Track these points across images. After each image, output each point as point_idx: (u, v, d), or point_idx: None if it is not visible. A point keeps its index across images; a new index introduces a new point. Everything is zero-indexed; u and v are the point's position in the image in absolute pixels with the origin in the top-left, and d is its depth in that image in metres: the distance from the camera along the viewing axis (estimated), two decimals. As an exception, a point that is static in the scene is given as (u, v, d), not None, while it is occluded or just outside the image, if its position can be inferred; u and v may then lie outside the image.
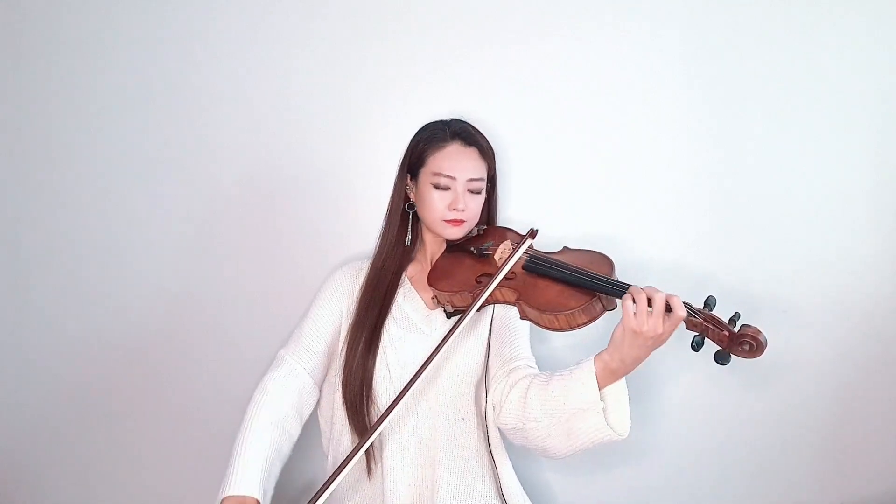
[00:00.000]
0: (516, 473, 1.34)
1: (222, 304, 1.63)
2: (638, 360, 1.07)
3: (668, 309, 1.03)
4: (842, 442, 1.39)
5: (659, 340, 1.05)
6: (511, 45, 1.45)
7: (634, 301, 1.03)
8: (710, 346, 1.03)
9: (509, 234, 1.34)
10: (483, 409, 1.29)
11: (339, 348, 1.32)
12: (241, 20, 1.54)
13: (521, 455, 1.33)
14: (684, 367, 1.37)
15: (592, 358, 1.12)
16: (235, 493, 1.07)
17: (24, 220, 1.64)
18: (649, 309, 1.03)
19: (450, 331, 1.16)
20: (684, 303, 1.05)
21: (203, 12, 1.53)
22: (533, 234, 1.27)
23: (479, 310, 1.21)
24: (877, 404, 1.37)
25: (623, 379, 1.11)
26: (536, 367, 1.28)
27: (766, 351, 0.99)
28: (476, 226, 1.35)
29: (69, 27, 1.56)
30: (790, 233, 1.35)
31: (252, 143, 1.57)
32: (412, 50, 1.51)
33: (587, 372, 1.11)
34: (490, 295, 1.20)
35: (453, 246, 1.36)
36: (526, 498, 1.30)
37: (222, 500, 1.06)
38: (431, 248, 1.38)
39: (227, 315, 1.63)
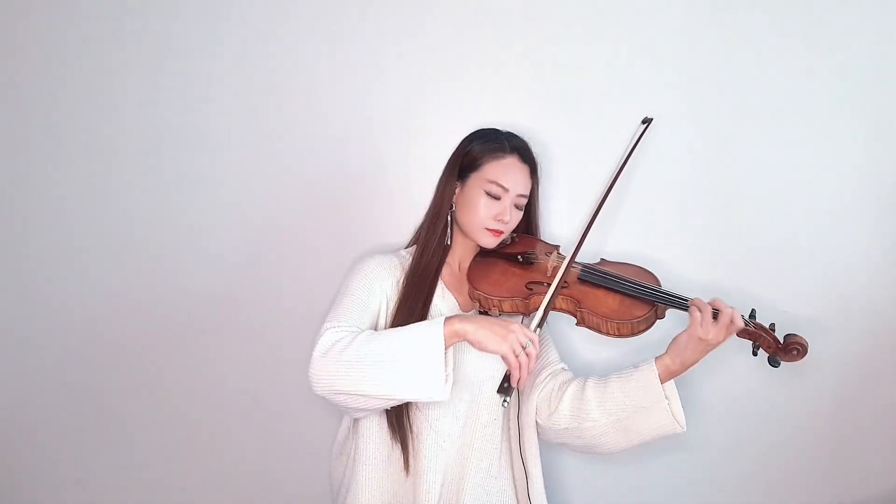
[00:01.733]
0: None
1: (232, 304, 1.57)
2: (694, 363, 1.21)
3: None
4: (842, 442, 1.45)
5: (715, 346, 1.19)
6: (537, 52, 1.47)
7: (701, 311, 1.17)
8: (762, 353, 1.20)
9: (539, 242, 1.40)
10: (514, 412, 1.34)
11: None
12: (254, 15, 1.50)
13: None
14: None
15: (653, 361, 1.24)
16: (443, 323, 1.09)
17: (26, 220, 1.61)
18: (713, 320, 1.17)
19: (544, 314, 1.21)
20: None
21: (217, 10, 1.51)
22: (647, 121, 1.38)
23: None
24: (877, 405, 1.43)
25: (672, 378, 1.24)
26: (566, 365, 1.37)
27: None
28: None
29: (75, 25, 1.54)
30: (791, 233, 1.42)
31: (265, 143, 1.53)
32: (434, 51, 1.50)
33: (649, 373, 1.22)
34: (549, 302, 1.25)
35: (487, 250, 1.38)
36: (545, 497, 1.34)
37: (447, 319, 1.10)
38: (461, 252, 1.39)
39: (230, 316, 1.58)
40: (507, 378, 1.12)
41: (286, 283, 1.56)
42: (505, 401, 1.11)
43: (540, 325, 1.19)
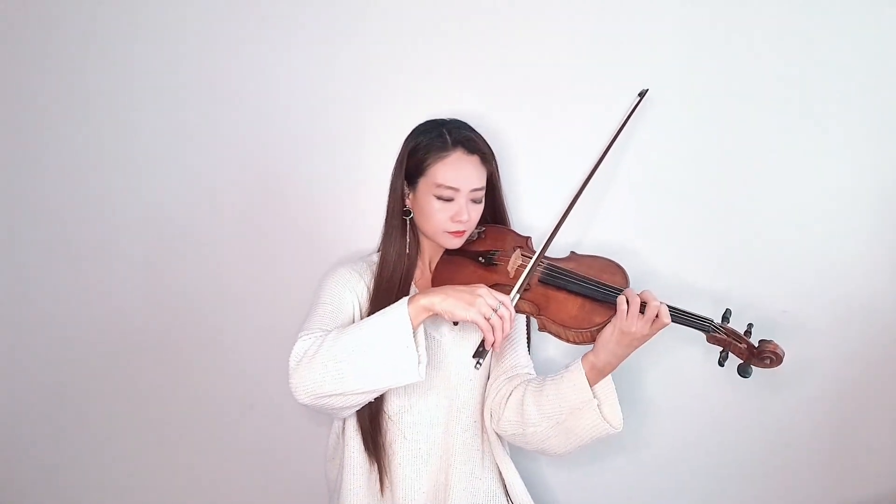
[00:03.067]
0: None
1: (219, 305, 1.59)
2: (622, 359, 1.15)
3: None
4: (841, 443, 1.41)
5: (642, 341, 1.12)
6: (516, 45, 1.40)
7: (629, 303, 1.10)
8: (733, 360, 1.12)
9: (510, 236, 1.33)
10: (489, 415, 1.32)
11: None
12: (240, 21, 1.47)
13: (517, 452, 1.38)
14: (683, 364, 1.43)
15: (580, 360, 1.18)
16: (406, 303, 1.06)
17: (20, 222, 1.63)
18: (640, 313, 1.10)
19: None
20: (707, 318, 1.12)
21: (200, 12, 1.49)
22: (643, 93, 1.30)
23: None
24: (876, 405, 1.38)
25: (609, 376, 1.18)
26: (534, 371, 1.32)
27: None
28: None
29: (74, 27, 1.54)
30: (791, 233, 1.36)
31: (247, 144, 1.52)
32: (417, 50, 1.43)
33: (577, 372, 1.17)
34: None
35: (452, 249, 1.32)
36: (529, 497, 1.34)
37: (411, 298, 1.07)
38: (430, 251, 1.34)
39: (224, 316, 1.60)
40: (482, 343, 1.09)
41: (284, 286, 1.57)
42: (478, 363, 1.09)
43: None
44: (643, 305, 1.10)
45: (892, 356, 1.34)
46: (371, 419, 1.25)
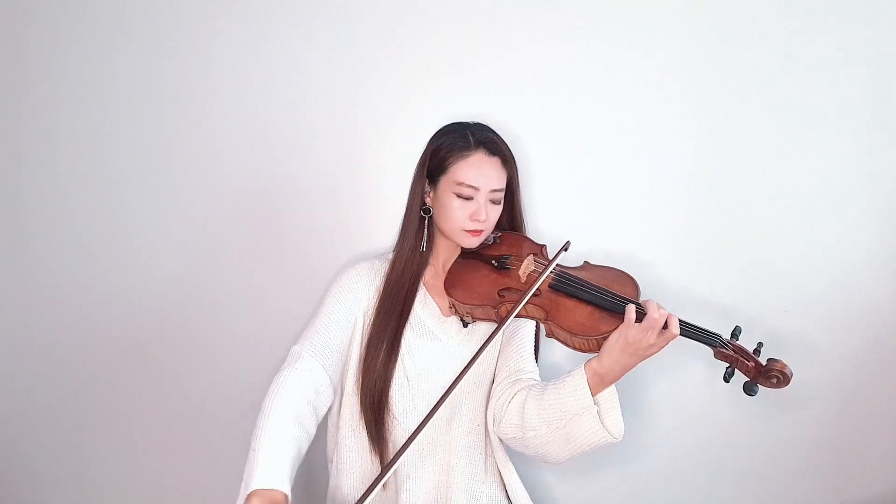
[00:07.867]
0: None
1: (230, 302, 1.60)
2: (626, 368, 1.13)
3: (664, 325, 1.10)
4: (840, 442, 1.41)
5: (649, 352, 1.11)
6: (530, 48, 1.41)
7: (648, 312, 1.10)
8: (739, 377, 1.11)
9: (525, 244, 1.34)
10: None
11: (351, 351, 1.29)
12: (248, 19, 1.49)
13: (520, 458, 1.36)
14: (681, 365, 1.42)
15: (583, 365, 1.17)
16: (263, 487, 1.01)
17: (31, 217, 1.64)
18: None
19: (478, 351, 1.16)
20: (714, 333, 1.12)
21: (210, 12, 1.51)
22: (566, 247, 1.28)
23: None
24: (876, 404, 1.39)
25: (613, 385, 1.17)
26: (539, 377, 1.32)
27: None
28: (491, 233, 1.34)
29: (75, 25, 1.55)
30: (790, 232, 1.37)
31: (261, 142, 1.54)
32: (425, 51, 1.45)
33: (579, 378, 1.16)
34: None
35: (467, 252, 1.34)
36: (530, 501, 1.33)
37: (249, 495, 1.00)
38: (445, 254, 1.36)
39: (235, 313, 1.60)
40: None
41: (294, 281, 1.57)
42: None
43: (492, 337, 1.16)
44: (642, 315, 1.10)
45: (890, 353, 1.34)
46: (376, 420, 1.26)
